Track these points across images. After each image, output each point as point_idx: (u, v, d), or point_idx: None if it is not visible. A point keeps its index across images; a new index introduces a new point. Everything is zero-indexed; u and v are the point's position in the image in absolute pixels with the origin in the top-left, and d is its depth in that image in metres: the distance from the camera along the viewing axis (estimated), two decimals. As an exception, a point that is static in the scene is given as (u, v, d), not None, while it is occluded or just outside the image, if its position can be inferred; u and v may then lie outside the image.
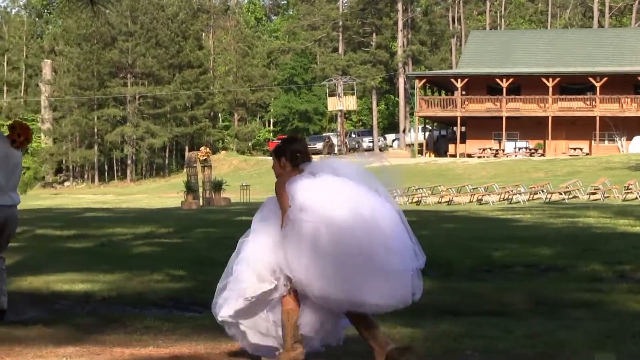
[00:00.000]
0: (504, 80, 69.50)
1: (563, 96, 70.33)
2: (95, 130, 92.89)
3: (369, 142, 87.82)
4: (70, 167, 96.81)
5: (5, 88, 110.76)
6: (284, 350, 6.66)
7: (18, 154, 9.06)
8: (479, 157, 69.20)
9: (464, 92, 72.51)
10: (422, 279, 6.79)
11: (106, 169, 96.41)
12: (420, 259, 6.72)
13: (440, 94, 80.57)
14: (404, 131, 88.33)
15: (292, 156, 6.85)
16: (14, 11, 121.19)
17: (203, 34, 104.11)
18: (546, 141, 70.02)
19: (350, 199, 6.56)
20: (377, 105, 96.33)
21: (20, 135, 8.95)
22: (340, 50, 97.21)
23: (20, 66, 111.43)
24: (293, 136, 7.42)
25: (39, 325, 8.73)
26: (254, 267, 6.65)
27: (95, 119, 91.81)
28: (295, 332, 6.57)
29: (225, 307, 6.79)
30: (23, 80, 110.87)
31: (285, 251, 6.53)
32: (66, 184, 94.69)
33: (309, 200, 6.53)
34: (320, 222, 6.46)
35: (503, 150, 70.45)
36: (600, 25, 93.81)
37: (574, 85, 70.18)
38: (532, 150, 70.05)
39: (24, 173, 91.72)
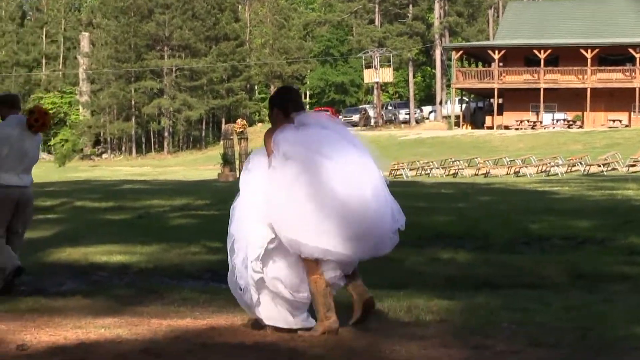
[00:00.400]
0: (542, 51, 68.91)
1: (602, 67, 69.60)
2: (133, 102, 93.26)
3: (405, 114, 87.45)
4: (108, 139, 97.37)
5: (44, 61, 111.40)
6: (318, 320, 6.63)
7: (35, 138, 9.32)
8: (516, 129, 68.76)
9: (501, 64, 71.91)
10: (398, 236, 6.78)
11: (143, 141, 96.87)
12: (397, 220, 6.69)
13: (477, 66, 79.96)
14: (440, 103, 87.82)
15: (282, 105, 6.83)
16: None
17: (239, 6, 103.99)
18: (584, 113, 69.33)
19: (333, 150, 6.50)
20: (414, 77, 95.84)
21: (38, 120, 9.15)
22: (377, 22, 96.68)
23: (59, 39, 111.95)
24: (285, 86, 7.54)
25: (77, 297, 8.79)
26: (252, 219, 6.66)
27: (133, 91, 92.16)
28: (326, 301, 6.53)
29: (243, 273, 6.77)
30: (61, 53, 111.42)
31: (267, 195, 6.56)
32: (104, 156, 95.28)
33: (291, 149, 6.50)
34: (301, 170, 6.46)
35: (541, 122, 69.93)
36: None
37: (613, 56, 69.46)
38: (570, 122, 69.49)
39: (62, 145, 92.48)
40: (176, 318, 7.45)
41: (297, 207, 6.41)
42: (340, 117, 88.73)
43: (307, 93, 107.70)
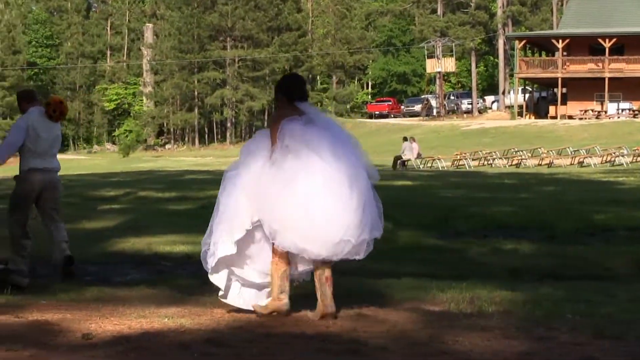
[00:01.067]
0: (607, 40, 67.96)
1: (669, 55, 68.51)
2: (196, 93, 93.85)
3: (468, 103, 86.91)
4: (171, 130, 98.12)
5: (108, 52, 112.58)
6: (271, 298, 7.00)
7: (55, 125, 10.11)
8: (581, 118, 67.94)
9: (565, 53, 71.10)
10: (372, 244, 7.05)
11: (206, 131, 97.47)
12: (374, 230, 6.97)
13: (540, 55, 79.12)
14: (503, 93, 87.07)
15: (286, 91, 7.13)
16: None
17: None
18: (651, 102, 68.38)
19: (331, 155, 6.77)
20: (476, 66, 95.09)
21: (55, 110, 10.00)
22: (439, 11, 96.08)
23: (123, 30, 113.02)
24: (291, 73, 7.75)
25: (141, 286, 8.88)
26: (241, 201, 6.95)
27: (196, 82, 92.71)
28: (282, 283, 6.91)
29: (220, 248, 7.02)
30: (126, 44, 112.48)
31: (261, 183, 6.85)
32: (167, 146, 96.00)
33: (294, 144, 6.78)
34: (298, 168, 6.73)
35: (605, 112, 68.99)
36: None
37: (680, 44, 68.37)
38: (636, 112, 68.43)
39: (126, 136, 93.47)
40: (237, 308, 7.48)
41: (285, 202, 6.70)
42: (402, 107, 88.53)
43: (369, 83, 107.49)
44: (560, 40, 70.17)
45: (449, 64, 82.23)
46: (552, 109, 74.02)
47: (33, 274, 10.05)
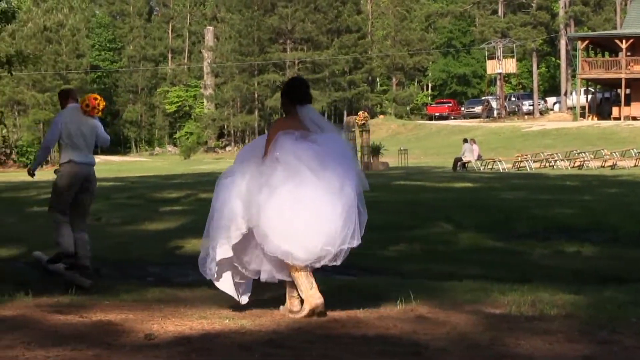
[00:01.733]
0: (672, 40, 67.03)
1: None
2: (256, 95, 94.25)
3: (529, 105, 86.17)
4: (232, 132, 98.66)
5: (169, 55, 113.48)
6: (304, 301, 7.25)
7: (89, 121, 10.58)
8: (645, 119, 67.08)
9: (628, 53, 70.15)
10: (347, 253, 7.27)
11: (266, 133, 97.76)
12: (353, 240, 7.22)
13: (603, 55, 78.19)
14: (565, 94, 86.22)
15: (287, 94, 7.61)
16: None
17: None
18: None
19: (320, 166, 7.15)
20: (538, 67, 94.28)
21: (88, 105, 10.50)
22: (500, 12, 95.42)
23: (184, 33, 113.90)
24: (295, 77, 8.26)
25: (202, 287, 8.93)
26: (237, 207, 7.33)
27: (256, 84, 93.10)
28: (307, 281, 7.23)
29: (219, 252, 7.41)
30: (186, 47, 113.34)
31: (251, 191, 7.26)
32: (228, 148, 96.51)
33: (284, 157, 7.18)
34: (287, 179, 7.13)
35: (670, 113, 68.04)
36: None
37: None
38: (702, 112, 67.42)
39: (187, 138, 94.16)
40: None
41: (272, 210, 7.08)
42: (462, 108, 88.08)
43: (429, 85, 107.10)
44: (624, 40, 69.25)
45: (509, 65, 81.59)
46: (615, 110, 73.04)
47: (97, 274, 10.17)
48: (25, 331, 6.34)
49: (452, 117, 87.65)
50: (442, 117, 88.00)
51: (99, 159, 15.16)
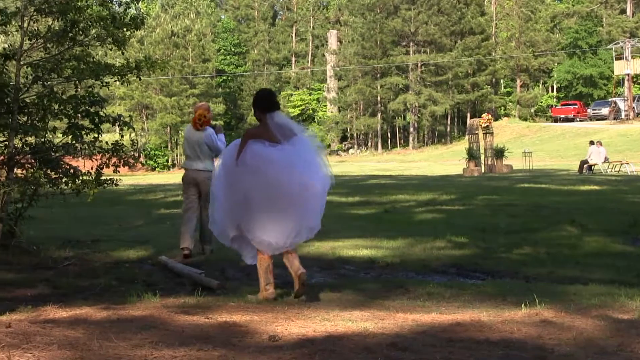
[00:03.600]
0: None
1: None
2: (379, 98, 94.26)
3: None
4: (355, 135, 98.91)
5: (293, 59, 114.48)
6: (259, 290, 8.58)
7: (197, 134, 12.54)
8: None
9: None
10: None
11: (389, 136, 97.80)
12: (308, 233, 8.64)
13: None
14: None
15: (256, 104, 8.64)
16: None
17: (485, 0, 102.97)
18: None
19: (285, 168, 8.20)
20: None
21: (200, 119, 12.59)
22: (629, 11, 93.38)
23: (308, 37, 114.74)
24: (263, 89, 9.08)
25: (325, 290, 8.99)
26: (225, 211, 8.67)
27: (379, 87, 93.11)
28: (266, 276, 8.52)
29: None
30: (310, 51, 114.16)
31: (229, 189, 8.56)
32: (351, 151, 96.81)
33: (252, 161, 8.27)
34: (254, 183, 8.24)
35: None
36: None
37: None
38: None
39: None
40: (422, 312, 7.49)
41: (245, 209, 8.35)
42: (588, 110, 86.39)
43: (554, 86, 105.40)
44: None
45: (638, 66, 79.79)
46: None
47: (223, 276, 10.33)
48: (153, 331, 6.48)
49: (578, 120, 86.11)
50: (567, 120, 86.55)
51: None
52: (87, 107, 11.66)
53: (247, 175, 8.29)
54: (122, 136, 11.94)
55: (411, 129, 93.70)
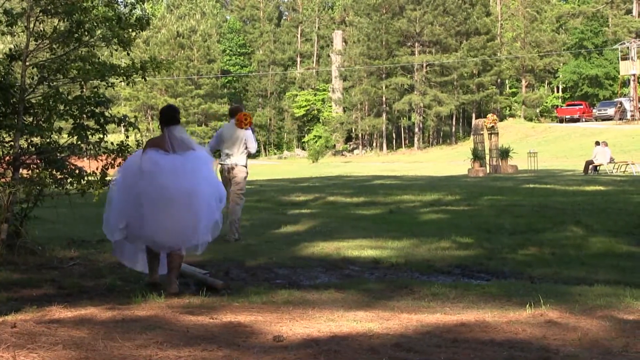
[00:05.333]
0: None
1: None
2: (384, 99, 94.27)
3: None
4: (360, 135, 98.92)
5: (298, 59, 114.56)
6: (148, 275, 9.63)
7: (240, 132, 14.05)
8: None
9: None
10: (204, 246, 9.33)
11: (394, 137, 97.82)
12: (201, 236, 9.23)
13: None
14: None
15: (159, 118, 9.56)
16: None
17: (490, 0, 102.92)
18: None
19: (176, 175, 9.02)
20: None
21: (241, 120, 14.07)
22: (634, 11, 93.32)
23: (313, 37, 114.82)
24: (166, 105, 9.93)
25: (330, 290, 8.99)
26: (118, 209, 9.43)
27: (384, 87, 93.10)
28: (151, 265, 9.49)
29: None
30: (315, 51, 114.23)
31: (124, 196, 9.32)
32: (355, 152, 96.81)
33: (148, 166, 9.04)
34: (146, 187, 8.98)
35: None
36: None
37: None
38: None
39: (316, 142, 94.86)
40: (427, 313, 7.49)
41: (137, 211, 9.08)
42: (594, 111, 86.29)
43: (559, 87, 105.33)
44: None
45: (644, 66, 79.74)
46: None
47: (227, 276, 10.34)
48: (158, 331, 6.49)
49: (584, 120, 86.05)
50: (572, 120, 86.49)
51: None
52: (92, 107, 11.67)
53: (141, 179, 9.07)
54: (127, 137, 11.92)
55: (416, 130, 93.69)
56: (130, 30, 12.03)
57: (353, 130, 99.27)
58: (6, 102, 11.17)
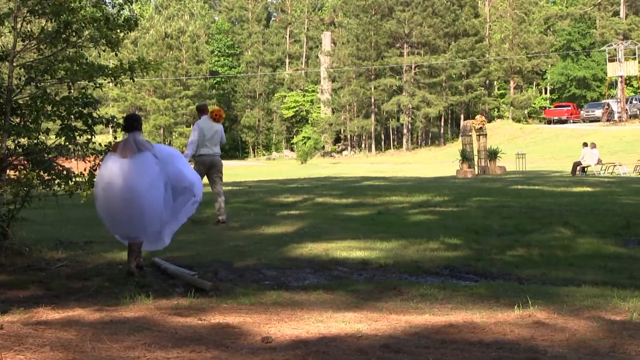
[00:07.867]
0: None
1: None
2: (372, 100, 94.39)
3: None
4: (348, 136, 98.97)
5: (287, 60, 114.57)
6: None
7: (217, 125, 16.22)
8: None
9: None
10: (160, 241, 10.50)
11: (382, 138, 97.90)
12: (161, 227, 10.36)
13: None
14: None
15: (124, 127, 10.56)
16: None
17: (479, 2, 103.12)
18: None
19: (138, 176, 9.97)
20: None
21: (216, 115, 16.21)
22: (622, 13, 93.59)
23: (302, 39, 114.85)
24: (129, 114, 10.99)
25: (319, 291, 8.98)
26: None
27: (372, 88, 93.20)
28: (129, 256, 10.43)
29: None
30: (304, 52, 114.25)
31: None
32: (344, 153, 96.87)
33: (107, 172, 10.05)
34: (106, 186, 10.03)
35: None
36: None
37: None
38: None
39: (304, 143, 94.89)
40: (415, 314, 7.49)
41: (100, 208, 10.19)
42: (582, 112, 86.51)
43: (547, 88, 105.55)
44: None
45: (631, 68, 79.94)
46: None
47: (216, 277, 10.33)
48: (146, 333, 6.48)
49: (571, 121, 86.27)
50: (560, 121, 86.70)
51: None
52: (80, 108, 11.65)
53: (100, 181, 10.17)
54: (115, 137, 11.93)
55: (405, 131, 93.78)
56: (119, 30, 12.01)
57: (342, 131, 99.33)
58: (-7, 103, 11.13)
